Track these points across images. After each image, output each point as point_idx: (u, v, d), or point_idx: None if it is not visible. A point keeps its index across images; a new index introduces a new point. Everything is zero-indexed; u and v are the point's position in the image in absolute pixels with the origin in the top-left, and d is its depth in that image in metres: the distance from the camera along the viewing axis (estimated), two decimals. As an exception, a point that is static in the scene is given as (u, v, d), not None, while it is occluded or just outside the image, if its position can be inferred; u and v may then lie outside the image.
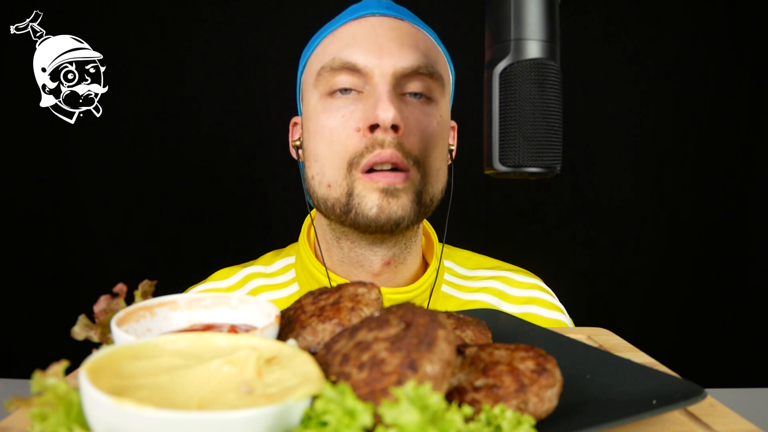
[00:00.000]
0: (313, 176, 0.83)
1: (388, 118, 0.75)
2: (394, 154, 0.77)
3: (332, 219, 0.83)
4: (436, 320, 0.40)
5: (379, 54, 0.79)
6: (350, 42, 0.80)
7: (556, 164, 0.58)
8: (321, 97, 0.82)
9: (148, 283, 0.53)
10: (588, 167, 1.75)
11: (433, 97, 0.83)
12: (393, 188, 0.77)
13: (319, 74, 0.81)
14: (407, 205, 0.78)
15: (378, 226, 0.78)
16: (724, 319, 1.80)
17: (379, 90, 0.78)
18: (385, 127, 0.76)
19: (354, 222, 0.79)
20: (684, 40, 1.74)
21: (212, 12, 1.67)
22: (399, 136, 0.77)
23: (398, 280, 0.88)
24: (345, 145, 0.79)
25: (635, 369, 0.51)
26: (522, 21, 0.57)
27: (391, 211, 0.77)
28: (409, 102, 0.81)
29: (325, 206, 0.82)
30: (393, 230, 0.79)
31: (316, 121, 0.82)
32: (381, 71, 0.78)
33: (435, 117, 0.82)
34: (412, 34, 0.82)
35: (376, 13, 0.82)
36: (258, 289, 0.92)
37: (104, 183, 1.69)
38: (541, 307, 0.91)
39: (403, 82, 0.80)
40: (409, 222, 0.80)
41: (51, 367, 0.37)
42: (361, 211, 0.78)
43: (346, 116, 0.79)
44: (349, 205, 0.79)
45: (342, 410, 0.35)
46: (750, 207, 1.78)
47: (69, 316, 0.51)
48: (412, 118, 0.79)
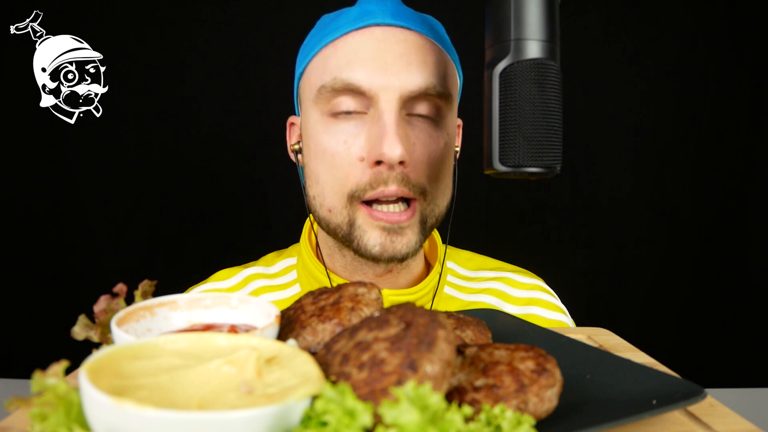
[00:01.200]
0: (314, 197, 0.80)
1: (395, 156, 0.71)
2: (400, 189, 0.74)
3: (334, 238, 0.82)
4: (436, 320, 0.40)
5: (384, 74, 0.73)
6: (353, 59, 0.75)
7: (556, 164, 0.58)
8: (322, 116, 0.77)
9: (148, 283, 0.53)
10: (588, 167, 1.75)
11: (442, 115, 0.78)
12: (397, 227, 0.75)
13: (320, 92, 0.76)
14: (412, 240, 0.76)
15: (382, 261, 0.77)
16: (724, 319, 1.80)
17: (385, 119, 0.73)
18: (391, 165, 0.73)
19: (357, 251, 0.78)
20: (684, 40, 1.74)
21: (212, 12, 1.67)
22: (405, 170, 0.74)
23: (401, 282, 0.88)
24: (347, 173, 0.75)
25: (635, 369, 0.51)
26: (522, 21, 0.57)
27: (395, 250, 0.76)
28: (416, 124, 0.76)
29: (327, 228, 0.80)
30: (398, 263, 0.79)
31: (317, 141, 0.78)
32: (387, 96, 0.73)
33: (442, 138, 0.78)
34: (419, 47, 0.76)
35: (381, 23, 0.76)
36: (259, 290, 0.92)
37: (104, 183, 1.69)
38: (543, 308, 0.91)
39: (410, 104, 0.76)
40: (414, 253, 0.78)
41: (51, 367, 0.37)
42: (364, 245, 0.76)
43: (349, 143, 0.75)
44: (351, 235, 0.77)
45: (342, 410, 0.35)
46: (750, 207, 1.78)
47: (69, 316, 0.51)
48: (418, 144, 0.75)
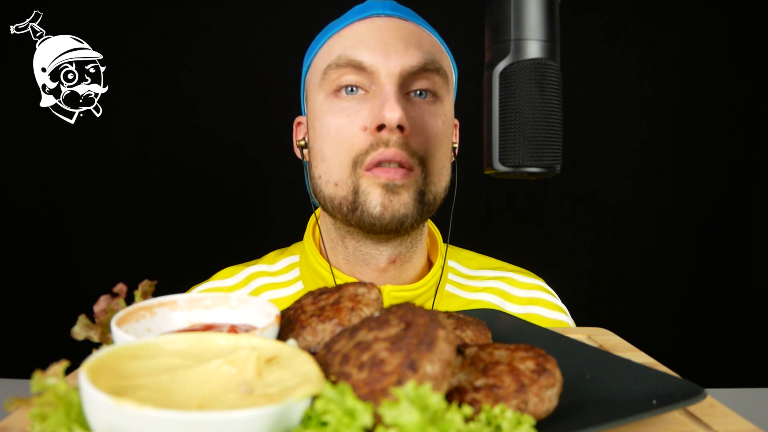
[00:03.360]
0: (320, 175, 0.83)
1: (394, 118, 0.76)
2: (399, 152, 0.78)
3: (338, 218, 0.84)
4: (436, 320, 0.40)
5: (384, 53, 0.80)
6: (356, 41, 0.81)
7: (556, 164, 0.58)
8: (327, 97, 0.83)
9: (148, 283, 0.53)
10: (588, 167, 1.75)
11: (439, 95, 0.83)
12: (393, 184, 0.78)
13: (325, 72, 0.82)
14: (409, 203, 0.79)
15: (382, 225, 0.79)
16: (724, 319, 1.80)
17: (386, 90, 0.78)
18: (391, 128, 0.77)
19: (360, 220, 0.80)
20: (684, 40, 1.74)
21: (212, 12, 1.67)
22: (404, 136, 0.78)
23: (403, 278, 0.89)
24: (350, 143, 0.79)
25: (635, 369, 0.51)
26: (522, 21, 0.57)
27: (394, 209, 0.78)
28: (414, 102, 0.82)
29: (332, 205, 0.83)
30: (398, 229, 0.80)
31: (322, 121, 0.83)
32: (387, 71, 0.79)
33: (440, 116, 0.83)
34: (416, 33, 0.83)
35: (381, 14, 0.83)
36: (262, 288, 0.92)
37: (104, 183, 1.69)
38: (544, 308, 0.92)
39: (409, 81, 0.81)
40: (413, 220, 0.80)
41: (51, 367, 0.37)
42: (367, 209, 0.79)
43: (352, 115, 0.80)
44: (355, 202, 0.80)
45: (342, 410, 0.35)
46: (750, 207, 1.78)
47: (69, 316, 0.51)
48: (417, 117, 0.80)
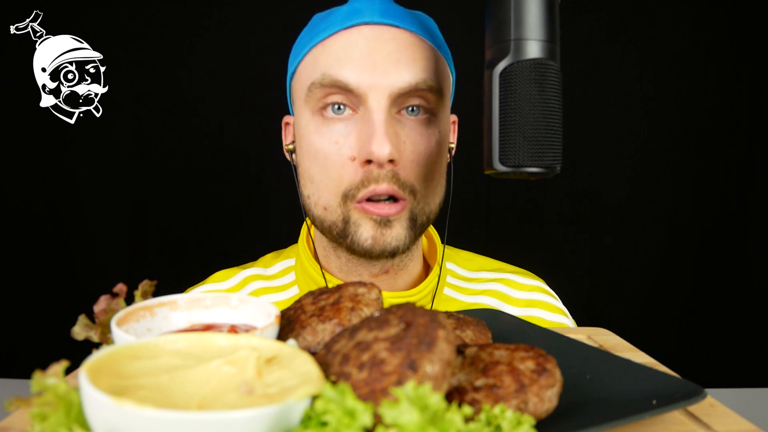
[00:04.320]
0: (309, 196, 0.81)
1: (383, 155, 0.72)
2: (390, 187, 0.75)
3: (328, 237, 0.83)
4: (436, 320, 0.40)
5: (373, 72, 0.74)
6: (342, 57, 0.75)
7: (556, 164, 0.58)
8: (312, 115, 0.78)
9: (148, 283, 0.53)
10: (588, 167, 1.75)
11: (434, 111, 0.79)
12: (386, 219, 0.77)
13: (310, 90, 0.77)
14: (401, 234, 0.78)
15: (373, 256, 0.78)
16: (724, 319, 1.80)
17: (374, 118, 0.74)
18: (380, 164, 0.74)
19: (350, 248, 0.79)
20: (684, 40, 1.74)
21: (212, 12, 1.67)
22: (395, 168, 0.75)
23: (399, 284, 0.87)
24: (340, 174, 0.76)
25: (635, 369, 0.51)
26: (522, 21, 0.57)
27: (385, 242, 0.77)
28: (406, 123, 0.77)
29: (322, 226, 0.81)
30: (389, 258, 0.79)
31: (309, 141, 0.79)
32: (376, 95, 0.74)
33: (434, 136, 0.79)
34: (409, 45, 0.76)
35: (370, 22, 0.76)
36: (257, 292, 0.91)
37: (104, 183, 1.69)
38: (544, 310, 0.90)
39: (401, 100, 0.76)
40: (405, 248, 0.79)
41: (51, 367, 0.37)
42: (357, 240, 0.77)
43: (340, 143, 0.76)
44: (346, 231, 0.78)
45: (342, 410, 0.35)
46: (750, 207, 1.78)
47: (69, 316, 0.51)
48: (409, 142, 0.77)
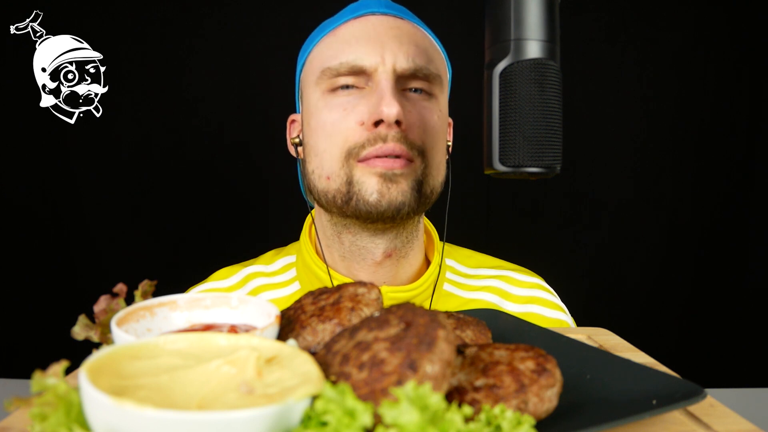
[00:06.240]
0: (313, 170, 0.84)
1: (392, 113, 0.76)
2: (398, 146, 0.78)
3: (334, 212, 0.84)
4: (436, 320, 0.40)
5: (381, 51, 0.80)
6: (352, 41, 0.82)
7: (556, 164, 0.58)
8: (323, 95, 0.83)
9: (148, 283, 0.53)
10: (588, 167, 1.75)
11: (433, 93, 0.84)
12: (392, 173, 0.78)
13: (323, 73, 0.83)
14: (407, 192, 0.79)
15: (379, 213, 0.79)
16: (724, 319, 1.80)
17: (382, 86, 0.79)
18: (389, 123, 0.77)
19: (356, 210, 0.80)
20: (684, 40, 1.74)
21: (212, 12, 1.67)
22: (402, 131, 0.79)
23: (401, 276, 0.88)
24: (345, 136, 0.80)
25: (635, 369, 0.51)
26: (522, 21, 0.57)
27: (392, 197, 0.78)
28: (410, 98, 0.82)
29: (326, 199, 0.83)
30: (394, 217, 0.80)
31: (318, 116, 0.83)
32: (383, 68, 0.80)
33: (435, 111, 0.84)
34: (411, 32, 0.84)
35: (376, 12, 0.84)
36: (259, 289, 0.92)
37: (104, 183, 1.69)
38: (543, 307, 0.91)
39: (404, 80, 0.82)
40: (410, 209, 0.80)
41: (51, 367, 0.37)
42: (362, 197, 0.79)
43: (348, 110, 0.80)
44: (349, 193, 0.80)
45: (342, 410, 0.35)
46: (750, 207, 1.78)
47: (69, 316, 0.51)
48: (414, 112, 0.81)
